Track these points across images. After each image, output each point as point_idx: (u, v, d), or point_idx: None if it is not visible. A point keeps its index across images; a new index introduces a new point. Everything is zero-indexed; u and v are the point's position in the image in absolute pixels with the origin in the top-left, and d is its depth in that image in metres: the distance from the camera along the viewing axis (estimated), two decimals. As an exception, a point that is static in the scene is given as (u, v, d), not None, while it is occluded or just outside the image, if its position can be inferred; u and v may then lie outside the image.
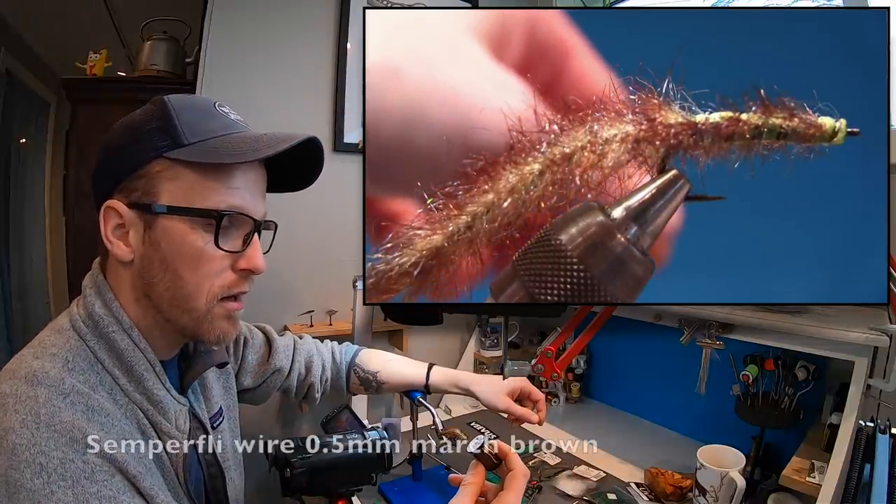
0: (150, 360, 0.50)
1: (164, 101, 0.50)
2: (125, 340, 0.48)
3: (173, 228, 0.47)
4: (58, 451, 0.39)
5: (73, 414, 0.41)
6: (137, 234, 0.48)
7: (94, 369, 0.47)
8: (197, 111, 0.50)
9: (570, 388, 1.34)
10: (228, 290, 0.51)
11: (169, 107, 0.49)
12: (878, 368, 0.77)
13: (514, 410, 0.83)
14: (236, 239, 0.51)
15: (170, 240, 0.48)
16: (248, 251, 0.51)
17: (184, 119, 0.48)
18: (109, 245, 0.48)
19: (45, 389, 0.41)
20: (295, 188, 0.60)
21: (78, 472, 0.39)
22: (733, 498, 0.76)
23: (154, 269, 0.48)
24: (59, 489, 0.38)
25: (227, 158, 0.47)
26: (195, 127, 0.49)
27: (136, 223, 0.48)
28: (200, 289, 0.49)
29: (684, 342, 0.93)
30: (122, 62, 1.69)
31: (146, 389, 0.49)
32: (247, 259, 0.51)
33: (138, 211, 0.48)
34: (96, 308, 0.49)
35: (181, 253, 0.48)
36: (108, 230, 0.48)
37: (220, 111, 0.52)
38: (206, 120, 0.50)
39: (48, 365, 0.44)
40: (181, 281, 0.48)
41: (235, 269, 0.51)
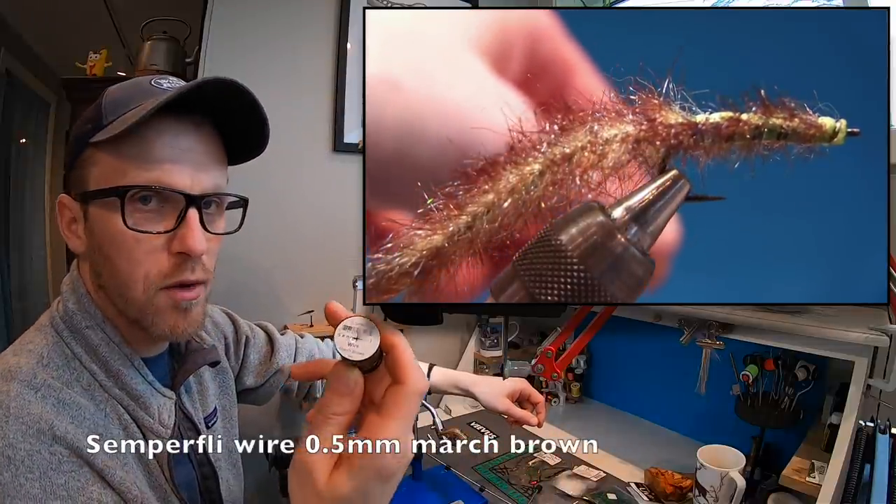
0: (126, 353, 0.49)
1: (104, 89, 0.48)
2: (99, 335, 0.48)
3: (98, 214, 0.46)
4: (25, 444, 0.39)
5: (43, 407, 0.41)
6: (81, 226, 0.48)
7: (70, 365, 0.46)
8: (125, 90, 0.48)
9: (570, 388, 1.34)
10: (166, 277, 0.46)
11: (103, 93, 0.48)
12: (878, 368, 0.77)
13: (513, 412, 0.83)
14: (167, 218, 0.46)
15: (99, 226, 0.46)
16: (179, 230, 0.45)
17: (107, 100, 0.47)
18: (67, 239, 0.49)
19: (16, 384, 0.41)
20: (251, 153, 0.54)
21: (45, 463, 0.39)
22: (733, 498, 0.76)
23: (96, 258, 0.48)
24: (27, 482, 0.37)
25: (124, 124, 0.43)
26: (115, 105, 0.46)
27: (80, 214, 0.48)
28: (134, 275, 0.45)
29: (684, 342, 0.93)
30: (122, 62, 1.69)
31: (125, 384, 0.48)
32: (178, 240, 0.45)
33: (79, 202, 0.48)
34: (70, 304, 0.48)
35: (107, 238, 0.46)
36: (64, 224, 0.49)
37: (155, 85, 0.48)
38: (129, 96, 0.47)
39: (23, 361, 0.44)
40: (116, 269, 0.46)
41: (171, 252, 0.46)
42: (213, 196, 0.49)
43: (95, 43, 1.56)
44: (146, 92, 0.47)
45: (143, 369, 0.50)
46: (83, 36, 1.67)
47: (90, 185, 0.46)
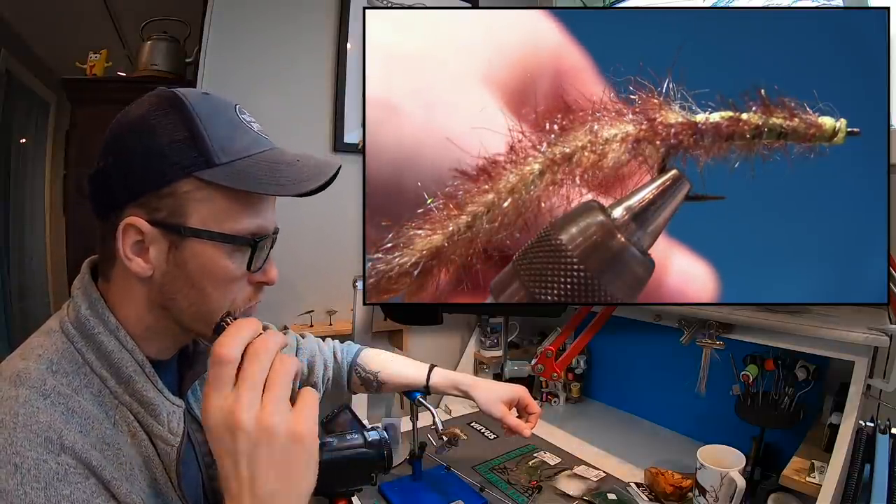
0: (138, 360, 0.49)
1: (182, 103, 0.46)
2: (112, 342, 0.47)
3: (204, 251, 0.46)
4: (32, 452, 0.38)
5: (52, 415, 0.41)
6: (160, 252, 0.46)
7: (80, 371, 0.46)
8: (224, 123, 0.48)
9: (570, 388, 1.34)
10: (248, 302, 0.51)
11: (193, 115, 0.46)
12: (878, 368, 0.77)
13: (507, 421, 0.84)
14: (262, 257, 0.51)
15: (200, 262, 0.47)
16: (265, 266, 0.52)
17: (213, 133, 0.46)
18: (128, 262, 0.46)
19: (26, 390, 0.41)
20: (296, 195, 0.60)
21: (51, 473, 0.39)
22: (733, 498, 0.76)
23: (178, 285, 0.47)
24: (32, 490, 0.37)
25: (262, 188, 0.46)
26: (226, 144, 0.46)
27: (160, 241, 0.46)
28: (223, 304, 0.49)
29: (684, 342, 0.93)
30: (122, 62, 1.69)
31: (135, 391, 0.48)
32: (264, 273, 0.52)
33: (163, 230, 0.46)
34: (82, 310, 0.48)
35: (212, 275, 0.47)
36: (127, 247, 0.46)
37: (243, 121, 0.50)
38: (235, 135, 0.48)
39: (32, 366, 0.43)
40: (208, 299, 0.48)
41: (252, 283, 0.51)
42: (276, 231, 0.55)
43: (95, 43, 1.56)
44: (243, 129, 0.50)
45: (154, 377, 0.50)
46: (83, 36, 1.67)
47: (193, 219, 0.46)
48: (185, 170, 0.45)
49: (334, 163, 0.52)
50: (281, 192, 0.47)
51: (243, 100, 0.53)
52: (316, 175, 0.49)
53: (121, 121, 0.48)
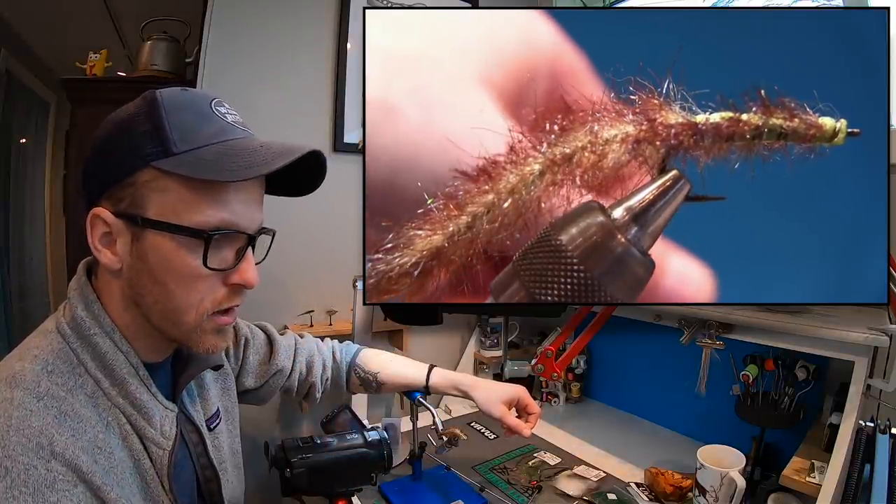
0: (133, 363, 0.49)
1: (154, 99, 0.46)
2: (107, 343, 0.48)
3: (161, 244, 0.46)
4: (23, 457, 0.39)
5: (45, 419, 0.41)
6: (125, 244, 0.47)
7: (75, 372, 0.46)
8: (189, 112, 0.47)
9: (570, 388, 1.34)
10: (220, 305, 0.49)
11: (160, 107, 0.46)
12: (878, 368, 0.77)
13: (507, 421, 0.83)
14: (228, 254, 0.49)
15: (158, 255, 0.46)
16: (241, 265, 0.49)
17: (174, 122, 0.45)
18: (97, 253, 0.47)
19: (20, 392, 0.41)
20: (293, 193, 0.58)
21: (40, 479, 0.39)
22: (733, 498, 0.76)
23: (143, 280, 0.47)
24: (20, 494, 0.37)
25: (217, 175, 0.44)
26: (186, 132, 0.46)
27: (124, 233, 0.46)
28: (190, 305, 0.48)
29: (684, 342, 0.93)
30: (122, 62, 1.69)
31: (129, 393, 0.48)
32: (239, 274, 0.49)
33: (125, 221, 0.46)
34: (78, 311, 0.48)
35: (170, 269, 0.46)
36: (96, 238, 0.47)
37: (215, 112, 0.49)
38: (198, 124, 0.47)
39: (28, 366, 0.43)
40: (171, 296, 0.47)
41: (227, 283, 0.49)
42: (262, 231, 0.53)
43: (95, 43, 1.56)
44: (211, 120, 0.48)
45: (147, 380, 0.50)
46: (83, 36, 1.67)
47: (151, 210, 0.45)
48: (143, 159, 0.45)
49: (303, 146, 0.49)
50: (230, 177, 0.45)
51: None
52: (273, 159, 0.47)
53: (105, 120, 0.49)
